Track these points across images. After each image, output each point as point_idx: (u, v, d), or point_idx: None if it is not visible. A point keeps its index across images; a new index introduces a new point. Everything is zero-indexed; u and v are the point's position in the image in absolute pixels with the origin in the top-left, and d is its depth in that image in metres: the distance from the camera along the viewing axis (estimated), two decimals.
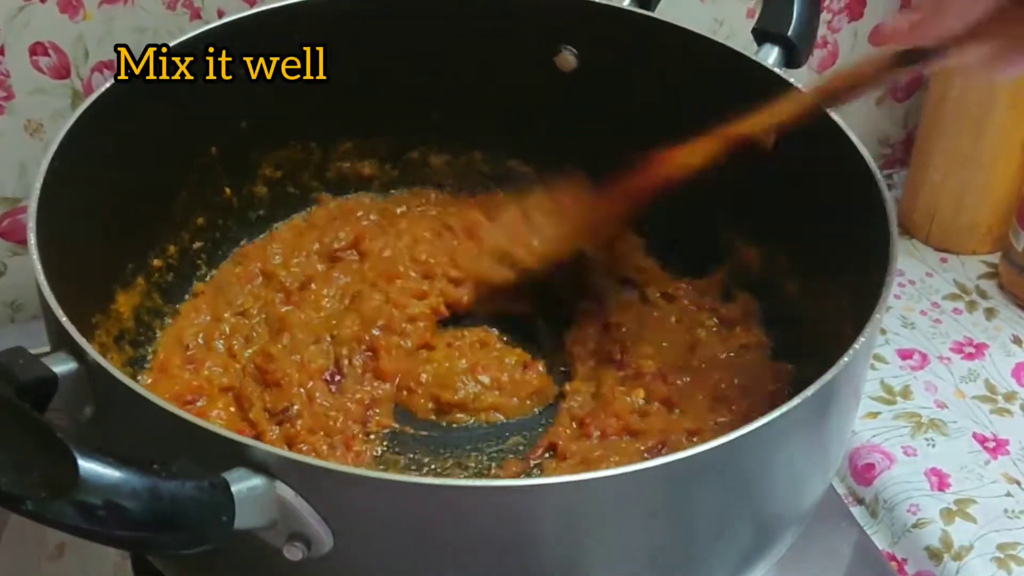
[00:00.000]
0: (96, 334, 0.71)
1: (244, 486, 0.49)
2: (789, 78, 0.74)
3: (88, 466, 0.45)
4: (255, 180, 0.84)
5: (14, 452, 0.46)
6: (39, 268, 0.59)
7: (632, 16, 0.80)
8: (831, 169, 0.70)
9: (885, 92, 1.13)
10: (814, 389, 0.55)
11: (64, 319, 0.56)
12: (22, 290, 0.95)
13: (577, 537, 0.53)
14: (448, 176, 0.90)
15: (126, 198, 0.74)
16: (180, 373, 0.75)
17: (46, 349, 0.56)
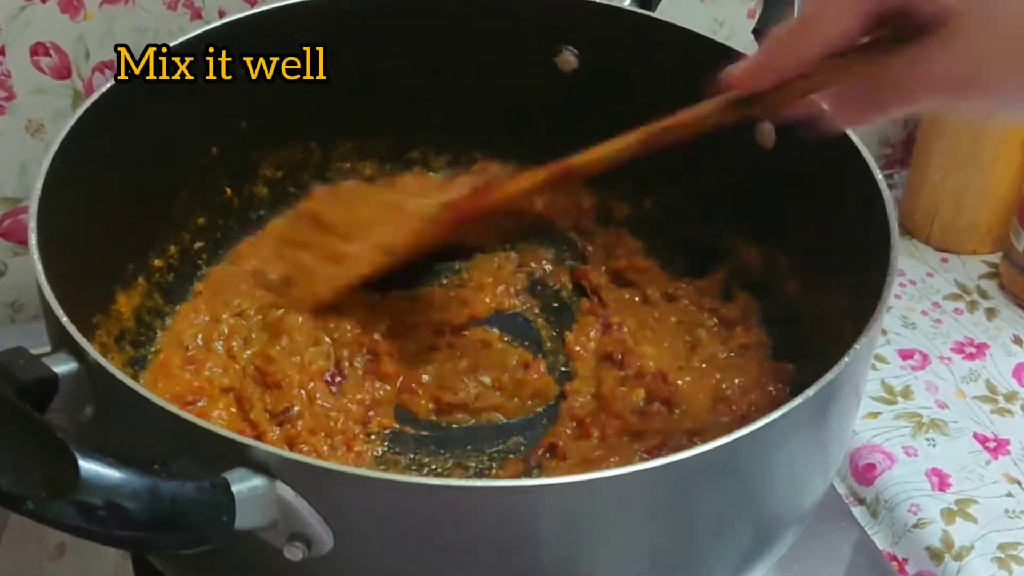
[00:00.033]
0: (97, 334, 0.71)
1: (244, 486, 0.49)
2: None
3: (88, 466, 0.45)
4: (255, 180, 0.84)
5: (14, 452, 0.46)
6: (40, 268, 0.59)
7: (632, 16, 0.80)
8: (831, 169, 0.70)
9: None
10: (814, 389, 0.55)
11: (65, 319, 0.56)
12: (23, 290, 0.95)
13: (577, 537, 0.53)
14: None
15: (126, 198, 0.74)
16: (181, 374, 0.75)
17: (47, 349, 0.56)
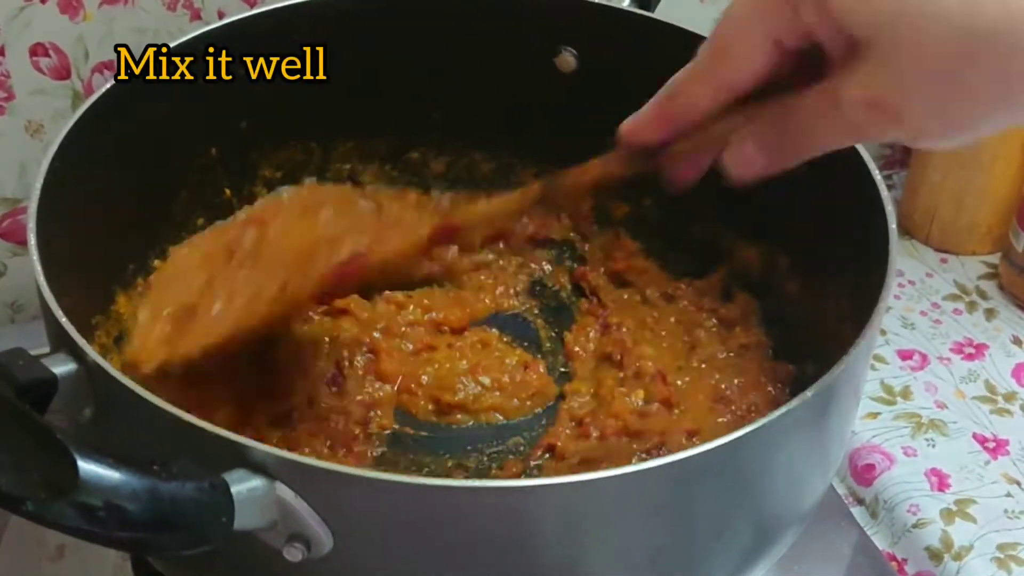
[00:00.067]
0: (96, 335, 0.71)
1: (244, 487, 0.49)
2: None
3: (88, 467, 0.45)
4: (255, 180, 0.84)
5: (14, 453, 0.46)
6: (39, 269, 0.59)
7: (632, 16, 0.80)
8: (831, 169, 0.70)
9: None
10: (814, 389, 0.55)
11: (64, 320, 0.56)
12: (22, 291, 0.95)
13: (577, 537, 0.53)
14: (447, 177, 0.90)
15: (126, 198, 0.74)
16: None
17: (46, 350, 0.56)
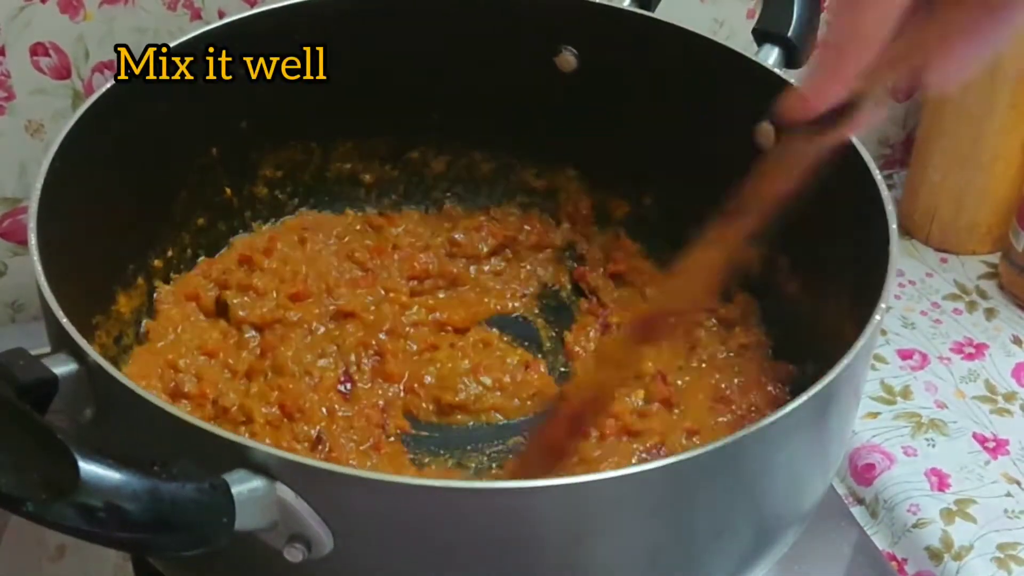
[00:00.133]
0: (96, 335, 0.71)
1: (244, 488, 0.49)
2: (789, 79, 0.74)
3: (89, 468, 0.45)
4: (255, 180, 0.84)
5: (14, 453, 0.46)
6: (39, 269, 0.59)
7: (632, 16, 0.80)
8: (831, 169, 0.70)
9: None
10: (814, 389, 0.55)
11: (64, 320, 0.56)
12: (22, 290, 0.95)
13: (577, 538, 0.53)
14: (447, 177, 0.90)
15: (126, 198, 0.74)
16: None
17: (47, 350, 0.56)
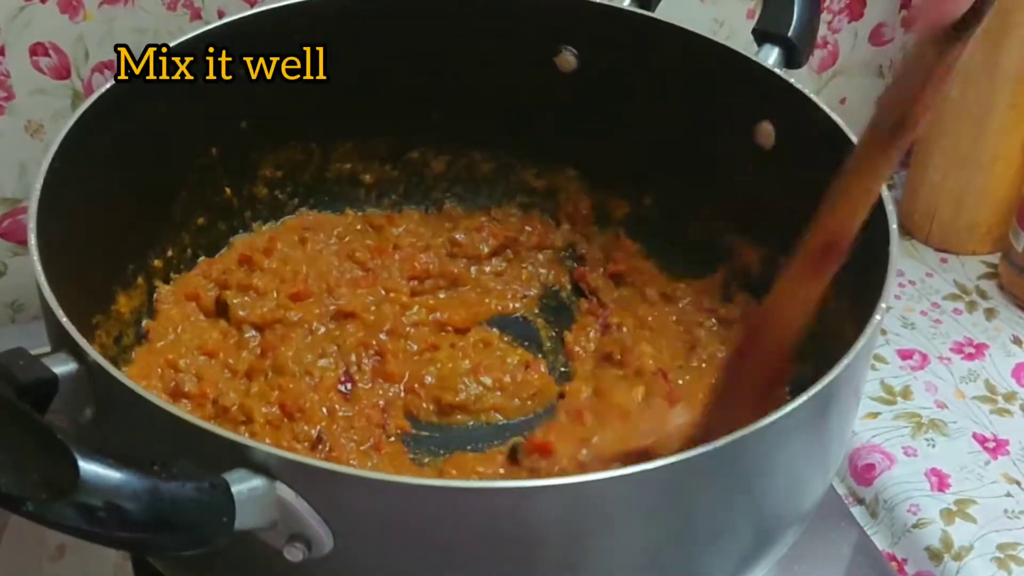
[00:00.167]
0: (96, 335, 0.71)
1: (244, 487, 0.49)
2: (789, 79, 0.74)
3: (88, 467, 0.45)
4: (255, 180, 0.84)
5: (14, 453, 0.46)
6: (39, 269, 0.59)
7: (632, 16, 0.80)
8: (831, 169, 0.70)
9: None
10: (814, 389, 0.55)
11: (64, 320, 0.56)
12: (22, 290, 0.95)
13: (577, 537, 0.53)
14: (447, 177, 0.90)
15: (126, 198, 0.74)
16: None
17: (47, 350, 0.56)
